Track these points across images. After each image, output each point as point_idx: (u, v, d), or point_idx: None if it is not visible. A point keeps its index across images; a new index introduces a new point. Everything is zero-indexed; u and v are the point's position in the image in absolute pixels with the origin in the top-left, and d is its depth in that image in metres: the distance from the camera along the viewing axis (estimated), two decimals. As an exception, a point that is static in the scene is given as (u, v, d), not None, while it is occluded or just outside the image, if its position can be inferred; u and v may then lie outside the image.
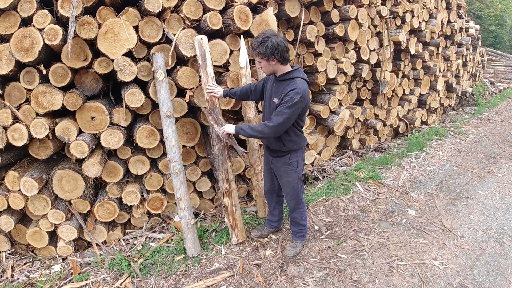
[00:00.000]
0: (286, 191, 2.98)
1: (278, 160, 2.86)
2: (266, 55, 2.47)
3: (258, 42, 2.48)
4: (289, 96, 2.49)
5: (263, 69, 2.65)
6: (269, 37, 2.46)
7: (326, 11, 4.41)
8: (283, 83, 2.60)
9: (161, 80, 3.03)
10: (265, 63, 2.56)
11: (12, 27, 2.79)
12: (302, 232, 3.16)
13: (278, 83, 2.66)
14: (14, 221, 3.22)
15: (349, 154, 5.35)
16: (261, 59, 2.54)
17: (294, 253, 3.13)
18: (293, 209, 3.05)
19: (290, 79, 2.58)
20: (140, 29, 3.07)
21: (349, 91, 5.28)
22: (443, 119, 7.76)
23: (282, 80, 2.62)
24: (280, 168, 2.89)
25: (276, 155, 2.86)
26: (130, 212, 3.59)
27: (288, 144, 2.75)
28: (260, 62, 2.59)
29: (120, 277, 2.99)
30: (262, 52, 2.47)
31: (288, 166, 2.84)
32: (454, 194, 4.25)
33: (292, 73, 2.60)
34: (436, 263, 3.05)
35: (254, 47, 2.51)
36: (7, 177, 3.08)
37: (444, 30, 6.96)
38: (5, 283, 3.05)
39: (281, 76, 2.62)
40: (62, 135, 2.99)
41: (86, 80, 3.09)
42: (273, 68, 2.58)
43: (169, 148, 3.07)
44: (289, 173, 2.86)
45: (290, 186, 2.92)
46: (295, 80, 2.55)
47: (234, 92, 3.06)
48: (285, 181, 2.92)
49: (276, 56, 2.48)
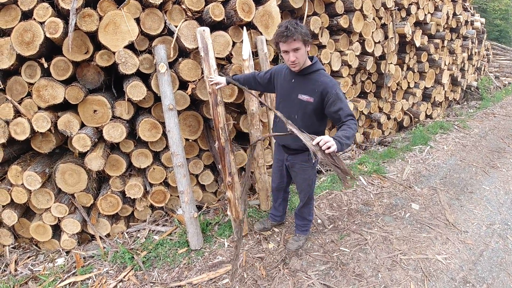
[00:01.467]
0: (301, 187, 2.90)
1: (296, 157, 2.75)
2: (308, 38, 2.26)
3: (295, 26, 2.20)
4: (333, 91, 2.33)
5: (300, 58, 2.32)
6: (295, 21, 2.26)
7: (330, 2, 4.35)
8: (309, 77, 2.43)
9: (163, 72, 3.00)
10: (303, 50, 2.30)
11: (13, 21, 2.77)
12: (306, 226, 3.15)
13: (301, 78, 2.46)
14: (18, 215, 3.23)
15: (352, 148, 5.33)
16: (303, 44, 2.26)
17: (297, 247, 3.12)
18: (304, 204, 3.00)
19: (315, 72, 2.42)
20: (141, 21, 3.03)
21: (353, 84, 5.23)
22: (447, 113, 7.69)
23: (306, 74, 2.43)
24: (296, 165, 2.79)
25: (295, 152, 2.73)
26: (133, 205, 3.59)
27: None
28: (298, 49, 2.28)
29: (124, 270, 3.00)
30: (307, 33, 2.24)
31: (306, 163, 2.74)
32: (458, 189, 4.22)
33: (316, 65, 2.43)
34: (439, 258, 3.04)
35: (295, 31, 2.19)
36: (10, 171, 3.08)
37: (450, 23, 6.87)
38: (9, 277, 3.07)
39: (305, 70, 2.42)
40: (65, 129, 2.98)
41: (87, 73, 3.07)
42: (305, 57, 2.37)
43: (171, 141, 3.06)
44: (306, 170, 2.78)
45: (306, 183, 2.85)
46: (320, 72, 2.42)
47: (238, 78, 2.98)
48: (301, 178, 2.84)
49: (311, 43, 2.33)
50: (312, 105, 2.44)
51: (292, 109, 2.55)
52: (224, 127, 3.14)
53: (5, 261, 3.29)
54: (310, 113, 2.49)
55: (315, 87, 2.38)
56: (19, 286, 2.96)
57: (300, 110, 2.51)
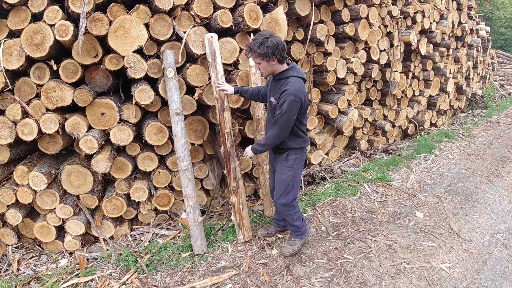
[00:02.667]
0: (277, 188, 2.91)
1: (278, 157, 2.88)
2: (267, 55, 2.46)
3: (258, 43, 2.46)
4: (282, 98, 2.53)
5: (262, 70, 2.64)
6: (268, 37, 2.46)
7: (337, 10, 4.39)
8: (279, 82, 2.64)
9: (171, 77, 3.03)
10: (265, 64, 2.55)
11: (23, 23, 2.79)
12: (299, 230, 3.11)
13: (275, 82, 2.70)
14: (22, 215, 3.24)
15: (357, 155, 5.32)
16: (261, 60, 2.52)
17: (291, 251, 3.09)
18: (282, 211, 2.97)
19: (285, 79, 2.60)
20: (150, 27, 3.07)
21: (358, 91, 5.24)
22: (452, 121, 7.68)
23: (278, 79, 2.65)
24: (277, 163, 2.90)
25: (278, 152, 2.87)
26: (137, 208, 3.61)
27: (288, 142, 2.76)
28: (259, 63, 2.58)
29: (127, 272, 3.00)
30: (263, 53, 2.45)
31: (284, 163, 2.83)
32: (462, 198, 4.21)
33: (287, 72, 2.62)
34: (443, 266, 3.03)
35: (254, 48, 2.48)
36: (15, 172, 3.10)
37: (455, 31, 6.89)
38: (11, 277, 3.07)
39: (278, 75, 2.65)
40: (72, 131, 3.00)
41: (96, 76, 3.10)
42: (272, 68, 2.59)
43: (178, 145, 3.08)
44: (283, 169, 2.84)
45: (281, 183, 2.85)
46: (288, 80, 2.57)
47: (246, 90, 3.10)
48: (279, 178, 2.87)
49: (277, 56, 2.49)
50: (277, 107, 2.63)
51: (269, 111, 2.83)
52: (230, 132, 3.16)
53: (7, 261, 3.29)
54: None
55: (280, 91, 2.58)
56: (21, 286, 2.96)
57: (271, 111, 2.77)
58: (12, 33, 2.89)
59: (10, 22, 2.80)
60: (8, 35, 2.90)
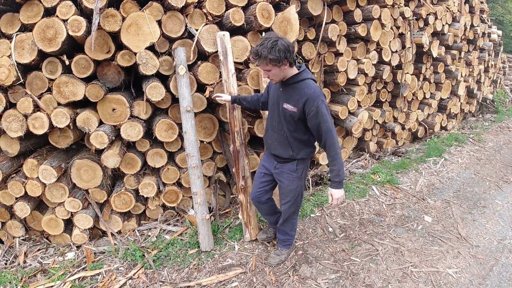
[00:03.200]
0: (287, 199, 2.76)
1: (284, 165, 2.67)
2: (279, 60, 2.21)
3: (267, 48, 2.19)
4: (311, 104, 2.30)
5: (273, 78, 2.37)
6: (277, 40, 2.21)
7: (349, 10, 4.35)
8: (294, 86, 2.40)
9: (182, 75, 3.03)
10: (276, 70, 2.29)
11: (35, 17, 2.81)
12: (289, 241, 3.04)
13: (287, 87, 2.43)
14: (30, 207, 3.27)
15: (365, 157, 5.29)
16: (273, 66, 2.25)
17: (278, 261, 3.00)
18: (287, 218, 2.86)
19: (300, 82, 2.38)
20: (163, 24, 3.07)
21: (369, 93, 5.20)
22: (462, 125, 7.60)
23: (291, 83, 2.40)
24: (283, 174, 2.69)
25: (284, 161, 2.68)
26: (145, 204, 3.63)
27: (300, 153, 2.59)
28: (269, 70, 2.30)
29: (134, 267, 3.03)
30: (275, 58, 2.19)
31: (293, 173, 2.65)
32: (471, 203, 4.17)
33: (301, 75, 2.39)
34: (450, 271, 3.00)
35: (264, 54, 2.20)
36: (25, 165, 3.13)
37: (467, 34, 6.80)
38: (17, 269, 3.10)
39: (290, 79, 2.40)
40: (83, 125, 3.02)
41: (108, 72, 3.12)
42: (283, 73, 2.34)
43: (187, 142, 3.08)
44: (293, 180, 2.67)
45: (291, 194, 2.72)
46: (306, 83, 2.36)
47: (245, 98, 3.00)
48: (287, 189, 2.71)
49: (289, 59, 2.26)
50: (296, 115, 2.41)
51: (277, 118, 2.55)
52: (239, 131, 3.16)
53: (14, 253, 3.33)
54: (295, 122, 2.47)
55: (299, 97, 2.35)
56: (27, 278, 2.98)
57: (284, 119, 2.49)
58: (24, 27, 2.90)
59: (22, 16, 2.82)
60: (20, 29, 2.91)
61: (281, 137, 2.57)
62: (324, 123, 2.34)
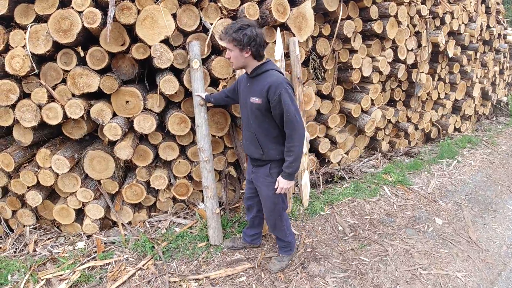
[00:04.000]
0: (266, 205, 2.65)
1: (258, 169, 2.57)
2: (241, 44, 2.21)
3: (235, 28, 2.21)
4: (273, 92, 2.23)
5: (232, 60, 2.35)
6: (249, 26, 2.22)
7: (365, 7, 4.29)
8: (257, 78, 2.35)
9: (196, 68, 3.03)
10: (237, 52, 2.27)
11: (50, 8, 2.81)
12: (288, 246, 2.92)
13: (251, 80, 2.40)
14: (42, 197, 3.31)
15: (377, 156, 5.24)
16: (234, 46, 2.25)
17: (279, 268, 2.88)
18: (273, 227, 2.75)
19: (264, 72, 2.34)
20: (178, 17, 3.07)
21: (383, 91, 5.13)
22: (476, 127, 7.48)
23: (255, 76, 2.37)
24: (259, 179, 2.57)
25: (256, 164, 2.57)
26: (156, 196, 3.66)
27: (270, 152, 2.45)
28: (231, 50, 2.30)
29: (143, 258, 3.05)
30: (238, 39, 2.20)
31: (268, 178, 2.51)
32: (482, 206, 4.11)
33: (265, 66, 2.35)
34: (459, 275, 2.97)
35: (229, 32, 2.23)
36: (38, 154, 3.16)
37: (483, 35, 6.66)
38: (26, 257, 3.14)
39: (253, 72, 2.37)
40: (97, 117, 3.05)
41: (122, 64, 3.12)
42: (244, 61, 2.31)
43: (200, 136, 3.09)
44: (268, 185, 2.52)
45: (269, 200, 2.59)
46: (268, 73, 2.32)
47: (213, 96, 2.97)
48: (265, 195, 2.59)
49: (252, 48, 2.23)
50: (262, 107, 2.33)
51: (248, 113, 2.48)
52: (251, 126, 3.15)
53: (24, 241, 3.37)
54: (263, 116, 2.38)
55: (262, 87, 2.29)
56: (36, 266, 3.01)
57: (253, 114, 2.42)
58: (39, 18, 2.90)
59: (37, 7, 2.82)
60: (34, 19, 2.91)
61: (251, 135, 2.48)
62: (286, 112, 2.25)
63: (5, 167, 3.18)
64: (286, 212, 2.79)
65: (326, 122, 4.45)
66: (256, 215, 2.94)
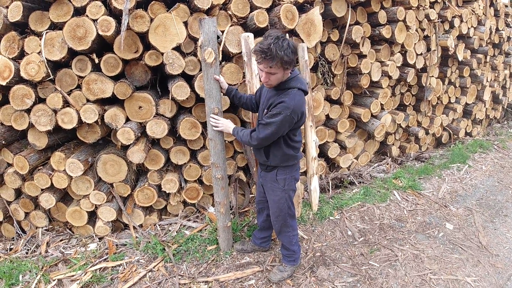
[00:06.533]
0: (272, 210, 2.69)
1: (266, 174, 2.62)
2: (292, 63, 2.09)
3: (283, 49, 2.01)
4: (277, 108, 2.19)
5: (272, 82, 2.21)
6: (288, 39, 2.08)
7: (373, 12, 4.32)
8: (279, 93, 2.27)
9: (210, 63, 2.59)
10: (281, 74, 2.15)
11: (65, 16, 2.90)
12: (293, 256, 2.86)
13: (273, 92, 2.33)
14: (56, 199, 3.39)
15: (387, 161, 5.22)
16: (279, 68, 2.09)
17: (280, 278, 2.81)
18: (279, 231, 2.77)
19: (285, 89, 2.25)
20: (189, 25, 3.14)
21: (392, 96, 5.12)
22: (487, 131, 7.39)
23: (278, 89, 2.29)
24: (267, 183, 2.64)
25: (264, 168, 2.62)
26: (167, 199, 3.72)
27: (274, 159, 2.47)
28: (274, 73, 2.13)
29: (154, 260, 3.11)
30: (289, 60, 2.04)
31: (275, 183, 2.56)
32: (493, 211, 4.07)
33: (288, 83, 2.26)
34: (469, 280, 2.95)
35: (280, 54, 2.00)
36: (53, 157, 3.25)
37: (492, 38, 6.60)
38: (38, 258, 3.20)
39: (280, 85, 2.28)
40: (111, 122, 3.13)
41: (135, 71, 3.20)
42: (283, 78, 2.22)
43: (213, 151, 2.83)
44: (275, 191, 2.58)
45: (275, 205, 2.64)
46: (290, 92, 2.23)
47: (240, 95, 2.81)
48: (271, 199, 2.65)
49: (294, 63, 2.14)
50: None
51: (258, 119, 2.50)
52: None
53: (36, 242, 3.44)
54: None
55: (277, 103, 2.24)
56: (48, 267, 3.07)
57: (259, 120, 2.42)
58: (54, 25, 2.99)
59: (52, 15, 2.91)
60: (49, 27, 2.99)
61: None
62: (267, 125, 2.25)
63: (20, 169, 3.27)
64: (295, 220, 2.79)
65: (335, 127, 4.46)
66: (266, 218, 2.96)
